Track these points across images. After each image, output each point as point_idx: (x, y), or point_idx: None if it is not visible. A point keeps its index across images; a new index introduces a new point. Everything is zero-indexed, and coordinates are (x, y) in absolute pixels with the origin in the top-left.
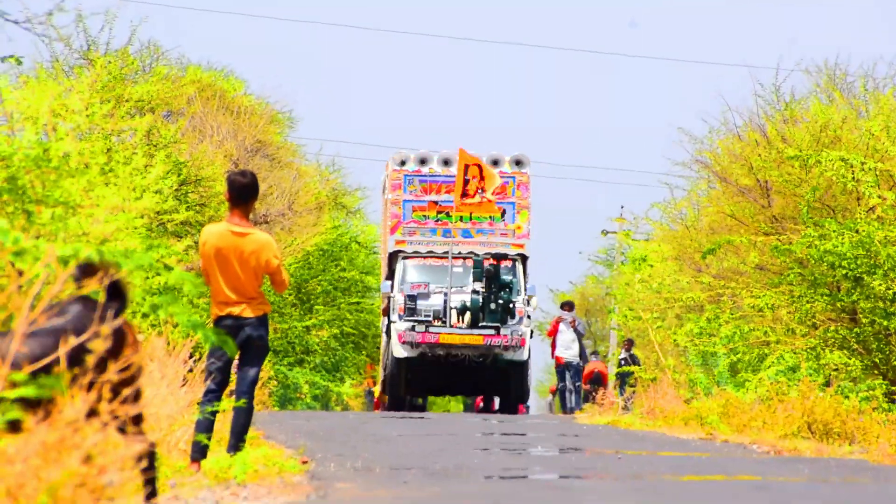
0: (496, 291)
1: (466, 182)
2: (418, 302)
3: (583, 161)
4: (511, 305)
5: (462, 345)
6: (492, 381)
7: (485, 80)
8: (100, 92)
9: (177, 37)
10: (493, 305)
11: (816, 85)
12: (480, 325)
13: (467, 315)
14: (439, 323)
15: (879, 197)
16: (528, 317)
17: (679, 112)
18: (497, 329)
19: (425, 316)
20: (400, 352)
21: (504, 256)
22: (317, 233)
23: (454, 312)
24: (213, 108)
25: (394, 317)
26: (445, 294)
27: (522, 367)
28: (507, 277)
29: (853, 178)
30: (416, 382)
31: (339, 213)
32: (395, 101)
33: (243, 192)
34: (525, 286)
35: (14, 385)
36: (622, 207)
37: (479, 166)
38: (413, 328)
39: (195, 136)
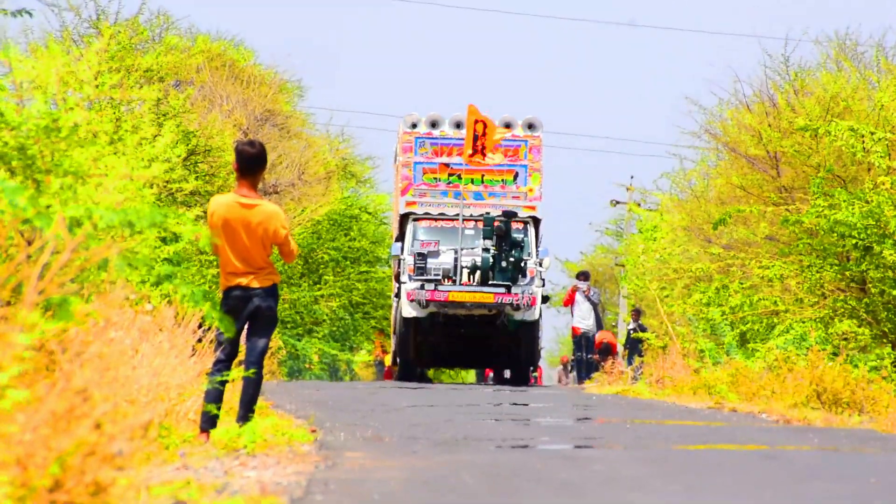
0: (507, 250)
1: (476, 138)
2: (428, 261)
3: (592, 131)
4: (522, 264)
5: (472, 303)
6: (502, 350)
7: (496, 50)
8: (109, 62)
9: (186, 6)
10: (503, 264)
11: (826, 55)
12: (491, 283)
13: (477, 274)
14: (449, 282)
15: (888, 168)
16: (542, 279)
17: (688, 82)
18: (508, 287)
19: (435, 275)
20: (409, 311)
21: (514, 215)
22: (326, 202)
23: (465, 272)
24: (222, 78)
25: (404, 278)
26: (456, 252)
27: (533, 326)
28: (518, 236)
29: (863, 148)
30: (425, 346)
31: (349, 183)
32: (406, 70)
33: (251, 163)
34: (537, 248)
35: None
36: (632, 178)
37: (485, 123)
38: (422, 286)
39: (204, 105)
